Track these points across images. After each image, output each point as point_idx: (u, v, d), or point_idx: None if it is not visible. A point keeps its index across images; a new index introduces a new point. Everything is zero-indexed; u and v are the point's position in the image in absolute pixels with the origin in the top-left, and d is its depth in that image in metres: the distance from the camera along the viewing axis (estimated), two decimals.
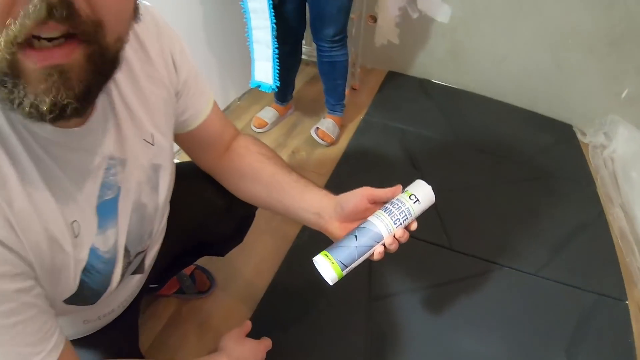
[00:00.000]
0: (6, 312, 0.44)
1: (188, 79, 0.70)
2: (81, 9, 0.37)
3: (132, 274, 0.73)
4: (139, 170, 0.63)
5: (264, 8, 1.51)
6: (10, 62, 0.36)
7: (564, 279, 1.47)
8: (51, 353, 0.48)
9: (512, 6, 2.09)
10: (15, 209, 0.44)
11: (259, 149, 0.83)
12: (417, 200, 0.71)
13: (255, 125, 2.01)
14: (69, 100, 0.40)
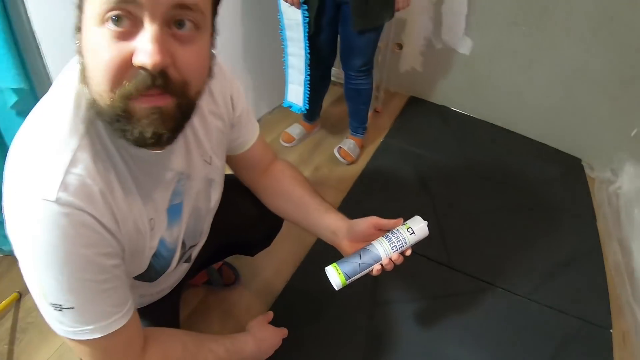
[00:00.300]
0: (103, 280, 0.65)
1: (242, 114, 0.92)
2: (173, 76, 0.57)
3: (183, 262, 0.96)
4: (199, 182, 0.86)
5: (300, 38, 1.75)
6: (123, 108, 0.56)
7: (552, 304, 1.61)
8: (125, 314, 0.70)
9: (530, 43, 2.24)
10: (118, 207, 0.66)
11: (292, 173, 1.08)
12: (413, 232, 0.94)
13: (283, 140, 2.25)
14: (165, 131, 0.60)
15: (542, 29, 2.18)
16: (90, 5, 0.54)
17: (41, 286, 0.62)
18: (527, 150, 2.42)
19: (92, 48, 0.55)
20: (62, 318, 0.64)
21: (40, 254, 0.59)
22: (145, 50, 0.53)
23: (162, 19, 0.54)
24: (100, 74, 0.55)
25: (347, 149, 2.16)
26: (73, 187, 0.59)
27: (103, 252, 0.65)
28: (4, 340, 1.47)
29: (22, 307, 1.57)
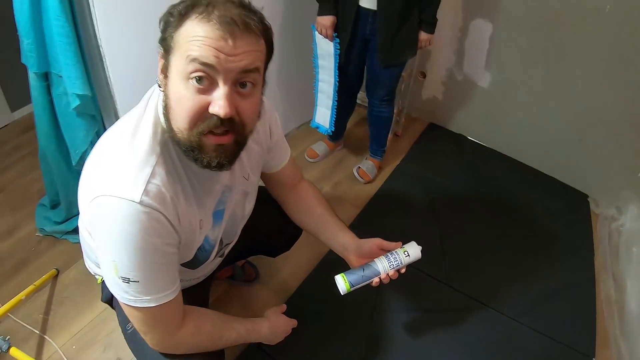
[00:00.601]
0: (164, 263, 0.90)
1: (277, 141, 1.19)
2: (236, 119, 0.82)
3: (218, 257, 1.20)
4: (238, 194, 1.11)
5: (331, 67, 1.99)
6: (197, 142, 0.81)
7: (539, 328, 1.77)
8: (174, 291, 0.95)
9: (545, 81, 2.38)
10: (181, 210, 0.91)
11: (315, 193, 1.35)
12: (409, 255, 1.20)
13: (308, 155, 2.49)
14: (225, 162, 0.86)
15: (557, 68, 2.32)
16: (178, 61, 0.79)
17: (115, 263, 0.86)
18: (536, 183, 2.57)
19: (178, 97, 0.80)
20: (127, 289, 0.88)
21: (121, 239, 0.83)
22: (219, 104, 0.78)
23: (231, 82, 0.78)
24: (183, 116, 0.80)
25: (366, 169, 2.39)
26: (152, 193, 0.83)
27: (167, 242, 0.89)
28: (39, 311, 1.72)
29: (60, 282, 1.84)
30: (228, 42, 0.75)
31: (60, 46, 1.41)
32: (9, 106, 2.70)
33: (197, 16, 0.77)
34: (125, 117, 0.94)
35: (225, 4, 0.78)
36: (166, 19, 0.81)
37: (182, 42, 0.77)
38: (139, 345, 1.08)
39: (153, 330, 0.97)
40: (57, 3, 1.34)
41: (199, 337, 1.04)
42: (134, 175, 0.83)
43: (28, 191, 2.26)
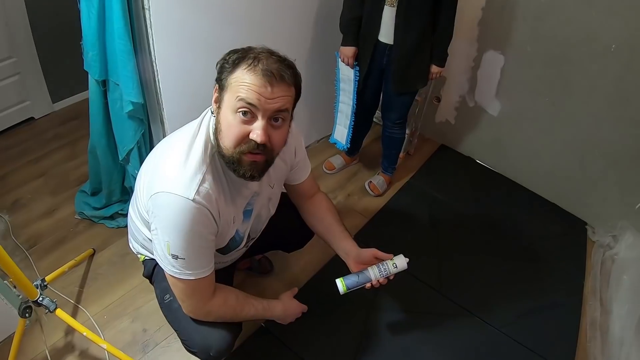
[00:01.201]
0: (205, 247, 1.22)
1: (300, 160, 1.52)
2: (268, 145, 1.13)
3: (243, 247, 1.52)
4: (264, 198, 1.44)
5: (351, 90, 2.29)
6: (237, 158, 1.13)
7: (521, 340, 1.99)
8: (209, 269, 1.26)
9: (552, 113, 2.58)
10: (220, 208, 1.22)
11: (327, 205, 1.67)
12: (396, 267, 1.51)
13: (325, 167, 2.80)
14: (257, 175, 1.17)
15: (563, 101, 2.50)
16: (229, 98, 1.10)
17: (168, 243, 1.17)
18: (537, 207, 2.78)
19: (227, 124, 1.11)
20: (175, 263, 1.20)
21: (176, 225, 1.15)
22: (257, 133, 1.09)
23: (267, 117, 1.10)
24: (230, 139, 1.11)
25: (376, 183, 2.68)
26: (202, 194, 1.15)
27: (209, 231, 1.21)
28: (75, 283, 2.05)
29: (95, 261, 2.17)
30: (267, 88, 1.07)
31: (121, 60, 1.73)
32: (50, 98, 3.03)
33: (246, 67, 1.08)
34: (181, 132, 1.26)
35: (268, 59, 1.09)
36: (222, 64, 1.14)
37: (234, 85, 1.09)
38: (173, 313, 1.40)
39: (190, 298, 1.28)
40: (121, 25, 1.66)
41: (225, 308, 1.35)
42: (189, 179, 1.14)
43: (67, 178, 2.59)
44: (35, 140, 2.84)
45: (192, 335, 1.37)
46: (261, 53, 1.11)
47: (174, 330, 1.45)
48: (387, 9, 1.99)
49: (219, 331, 1.36)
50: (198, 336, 1.36)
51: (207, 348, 1.35)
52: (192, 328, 1.36)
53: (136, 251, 1.58)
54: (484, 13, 2.54)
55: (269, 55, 1.11)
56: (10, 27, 2.60)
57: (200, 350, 1.36)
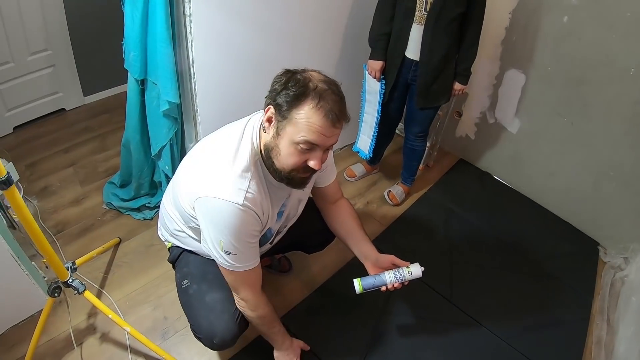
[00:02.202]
0: (253, 243, 1.40)
1: (329, 165, 1.67)
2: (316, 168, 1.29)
3: (269, 244, 1.67)
4: (295, 200, 1.60)
5: (376, 102, 2.42)
6: (292, 176, 1.31)
7: (525, 352, 2.08)
8: (256, 262, 1.44)
9: (568, 134, 2.67)
10: (263, 210, 1.39)
11: (350, 210, 1.80)
12: (411, 274, 1.62)
13: (347, 174, 2.95)
14: (304, 187, 1.38)
15: (580, 122, 2.59)
16: (292, 131, 1.24)
17: (221, 241, 1.34)
18: (550, 225, 2.87)
19: (287, 152, 1.27)
20: (227, 258, 1.36)
21: (227, 227, 1.31)
22: (315, 163, 1.26)
23: (322, 149, 1.26)
24: (290, 164, 1.28)
25: (395, 193, 2.81)
26: (249, 199, 1.31)
27: (256, 229, 1.39)
28: (100, 269, 2.21)
29: (121, 249, 2.32)
30: (330, 129, 1.23)
31: (162, 62, 1.88)
32: (82, 91, 3.21)
33: (312, 105, 1.21)
34: (225, 136, 1.41)
35: (330, 97, 1.23)
36: (280, 90, 1.25)
37: (299, 121, 1.22)
38: (188, 298, 1.58)
39: (241, 287, 1.46)
40: (164, 29, 1.82)
41: (268, 307, 1.55)
42: (238, 185, 1.31)
43: (96, 169, 2.76)
44: (66, 131, 3.03)
45: (199, 321, 1.53)
46: (323, 91, 1.23)
47: (185, 314, 1.60)
48: (415, 27, 2.13)
49: (225, 322, 1.51)
50: (205, 322, 1.51)
51: (212, 335, 1.51)
52: (201, 314, 1.53)
53: (164, 239, 1.74)
54: (507, 33, 2.65)
55: (331, 93, 1.24)
56: (47, 21, 2.78)
57: (205, 337, 1.53)
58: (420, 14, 2.08)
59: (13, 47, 2.69)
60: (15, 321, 1.94)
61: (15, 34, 2.66)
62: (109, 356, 1.88)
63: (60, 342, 1.89)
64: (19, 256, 1.76)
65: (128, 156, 2.33)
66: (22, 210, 1.36)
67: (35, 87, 2.95)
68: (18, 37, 2.68)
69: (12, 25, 2.61)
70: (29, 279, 1.85)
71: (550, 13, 2.45)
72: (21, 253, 1.80)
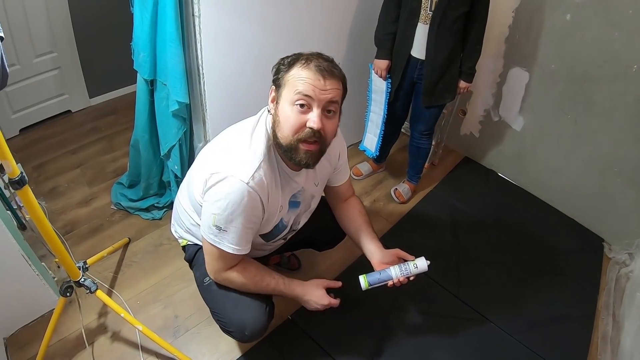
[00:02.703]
0: (249, 227, 1.41)
1: (342, 164, 1.71)
2: (322, 133, 1.33)
3: (283, 239, 1.70)
4: (307, 194, 1.62)
5: (382, 102, 2.46)
6: (295, 146, 1.33)
7: (532, 347, 2.11)
8: (245, 251, 1.45)
9: (573, 130, 2.70)
10: (270, 195, 1.41)
11: (360, 208, 1.84)
12: (417, 267, 1.64)
13: (353, 173, 2.98)
14: (311, 162, 1.37)
15: (584, 119, 2.62)
16: (287, 93, 1.30)
17: (215, 215, 1.36)
18: (556, 222, 2.90)
19: (285, 115, 1.31)
20: (216, 232, 1.39)
21: (227, 201, 1.34)
22: (314, 120, 1.29)
23: (321, 108, 1.30)
24: (288, 127, 1.31)
25: (402, 191, 2.85)
26: (256, 180, 1.34)
27: (256, 214, 1.40)
28: (110, 269, 2.23)
29: (130, 249, 2.35)
30: (320, 81, 1.28)
31: (171, 63, 1.91)
32: (88, 93, 3.24)
33: (300, 65, 1.30)
34: (240, 126, 1.48)
35: (318, 59, 1.32)
36: (278, 67, 1.36)
37: (291, 81, 1.30)
38: (213, 295, 1.60)
39: (215, 262, 1.48)
40: (174, 30, 1.85)
41: (244, 275, 1.51)
42: (248, 165, 1.35)
43: (104, 170, 2.79)
44: (73, 133, 3.06)
45: (229, 316, 1.55)
46: (312, 54, 1.33)
47: (211, 311, 1.63)
48: (420, 26, 2.17)
49: (255, 313, 1.54)
50: (235, 317, 1.53)
51: (243, 328, 1.52)
52: (229, 309, 1.55)
53: (179, 236, 1.77)
54: (511, 31, 2.69)
55: (319, 56, 1.33)
56: (53, 24, 2.82)
57: (236, 330, 1.54)
58: (425, 13, 2.12)
59: (19, 49, 2.72)
60: (26, 321, 1.96)
61: (21, 37, 2.69)
62: (120, 355, 1.90)
63: (71, 341, 1.91)
64: (29, 256, 1.79)
65: (137, 156, 2.36)
66: (36, 210, 1.40)
67: (41, 89, 2.98)
68: (24, 40, 2.72)
69: (17, 28, 2.65)
70: (39, 279, 1.87)
71: (553, 11, 2.48)
72: (31, 253, 1.83)
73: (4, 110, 2.84)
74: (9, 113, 2.89)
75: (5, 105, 2.83)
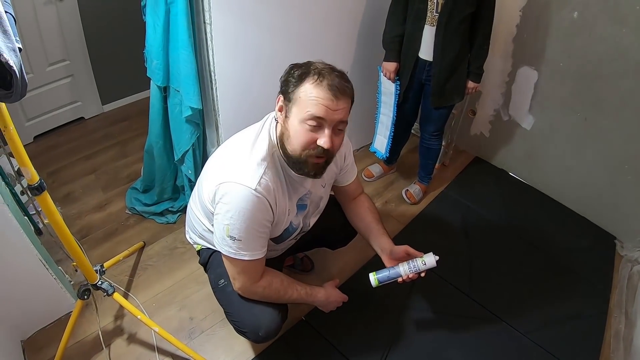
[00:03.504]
0: (262, 232, 1.46)
1: (348, 164, 1.75)
2: (330, 150, 1.36)
3: (294, 239, 1.74)
4: (315, 196, 1.66)
5: (391, 103, 2.50)
6: (304, 160, 1.37)
7: (544, 345, 2.13)
8: (262, 253, 1.50)
9: (582, 129, 2.71)
10: (278, 199, 1.46)
11: (369, 205, 1.88)
12: (425, 264, 1.68)
13: (365, 175, 3.03)
14: (318, 173, 1.42)
15: (594, 117, 2.63)
16: (298, 110, 1.33)
17: (228, 226, 1.40)
18: (567, 220, 2.91)
19: (296, 132, 1.34)
20: (231, 244, 1.42)
21: (237, 210, 1.38)
22: (325, 141, 1.32)
23: (331, 127, 1.33)
24: (299, 144, 1.35)
25: (413, 192, 2.89)
26: (263, 185, 1.38)
27: (267, 218, 1.44)
28: (125, 272, 2.29)
29: (145, 253, 2.41)
30: (333, 102, 1.30)
31: (184, 69, 1.97)
32: (100, 100, 3.31)
33: (313, 81, 1.32)
34: (245, 133, 1.51)
35: (330, 74, 1.34)
36: (286, 78, 1.38)
37: (303, 98, 1.32)
38: (227, 296, 1.64)
39: (240, 276, 1.51)
40: (186, 38, 1.90)
41: (270, 289, 1.57)
42: (253, 172, 1.38)
43: (118, 175, 2.85)
44: (86, 139, 3.13)
45: (243, 317, 1.59)
46: (323, 69, 1.35)
47: (226, 312, 1.68)
48: (427, 28, 2.20)
49: (269, 314, 1.58)
50: (249, 317, 1.58)
51: (257, 328, 1.57)
52: (244, 310, 1.59)
53: (193, 241, 1.81)
54: (519, 30, 2.71)
55: (330, 70, 1.35)
56: (65, 32, 2.89)
57: (251, 331, 1.59)
58: (431, 15, 2.16)
59: (32, 58, 2.80)
60: (43, 324, 2.02)
61: (34, 46, 2.77)
62: (137, 356, 1.96)
63: (88, 343, 1.97)
64: (46, 261, 1.85)
65: (151, 162, 2.42)
66: (54, 214, 1.45)
67: (55, 97, 3.06)
68: (36, 49, 2.79)
69: (30, 37, 2.72)
70: (56, 282, 1.93)
71: (560, 9, 2.50)
72: (49, 258, 1.88)
73: (19, 118, 2.91)
74: (23, 121, 2.96)
75: (19, 113, 2.91)
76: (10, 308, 1.85)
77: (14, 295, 1.84)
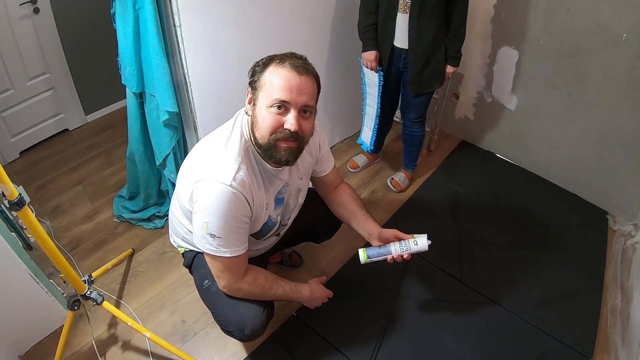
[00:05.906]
0: (240, 228, 1.46)
1: (324, 154, 1.75)
2: (299, 133, 1.37)
3: (275, 235, 1.75)
4: (293, 189, 1.66)
5: (376, 94, 2.50)
6: (273, 144, 1.38)
7: (541, 326, 2.12)
8: (243, 249, 1.50)
9: (566, 105, 2.72)
10: (254, 194, 1.45)
11: (350, 193, 1.88)
12: (417, 244, 1.66)
13: (350, 166, 3.04)
14: (291, 159, 1.41)
15: (578, 92, 2.63)
16: (263, 95, 1.35)
17: (207, 223, 1.40)
18: (557, 198, 2.92)
19: (263, 117, 1.36)
20: (212, 241, 1.43)
21: (214, 207, 1.38)
22: (291, 122, 1.33)
23: (298, 110, 1.34)
24: (266, 128, 1.36)
25: (398, 180, 2.89)
26: (238, 180, 1.39)
27: (244, 214, 1.45)
28: (117, 281, 2.30)
29: (135, 260, 2.42)
30: (296, 78, 1.33)
31: (157, 74, 1.97)
32: (83, 110, 3.32)
33: (275, 65, 1.35)
34: (218, 131, 1.51)
35: (291, 58, 1.37)
36: (253, 70, 1.41)
37: (267, 83, 1.35)
38: (211, 297, 1.65)
39: (224, 274, 1.52)
40: (156, 42, 1.91)
41: (255, 286, 1.57)
42: (227, 168, 1.39)
43: (104, 184, 2.86)
44: (71, 151, 3.14)
45: (228, 316, 1.60)
46: (285, 54, 1.39)
47: (211, 312, 1.68)
48: (400, 16, 2.19)
49: (253, 311, 1.58)
50: (234, 316, 1.58)
51: (242, 327, 1.57)
52: (229, 309, 1.59)
53: (177, 245, 1.82)
54: (496, 10, 2.71)
55: (291, 54, 1.39)
56: (43, 45, 2.89)
57: (236, 329, 1.59)
58: (403, 2, 2.15)
59: (12, 74, 2.80)
60: (38, 338, 2.02)
61: (13, 61, 2.77)
62: None
63: (84, 354, 1.98)
64: (37, 275, 1.85)
65: (134, 168, 2.42)
66: (37, 228, 1.45)
67: (37, 110, 3.06)
68: (15, 63, 2.79)
69: (8, 53, 2.72)
70: (48, 296, 1.93)
71: None
72: (39, 272, 1.89)
73: (3, 135, 2.92)
74: (7, 137, 2.97)
75: (3, 130, 2.91)
76: (5, 325, 1.85)
77: (7, 312, 1.84)
